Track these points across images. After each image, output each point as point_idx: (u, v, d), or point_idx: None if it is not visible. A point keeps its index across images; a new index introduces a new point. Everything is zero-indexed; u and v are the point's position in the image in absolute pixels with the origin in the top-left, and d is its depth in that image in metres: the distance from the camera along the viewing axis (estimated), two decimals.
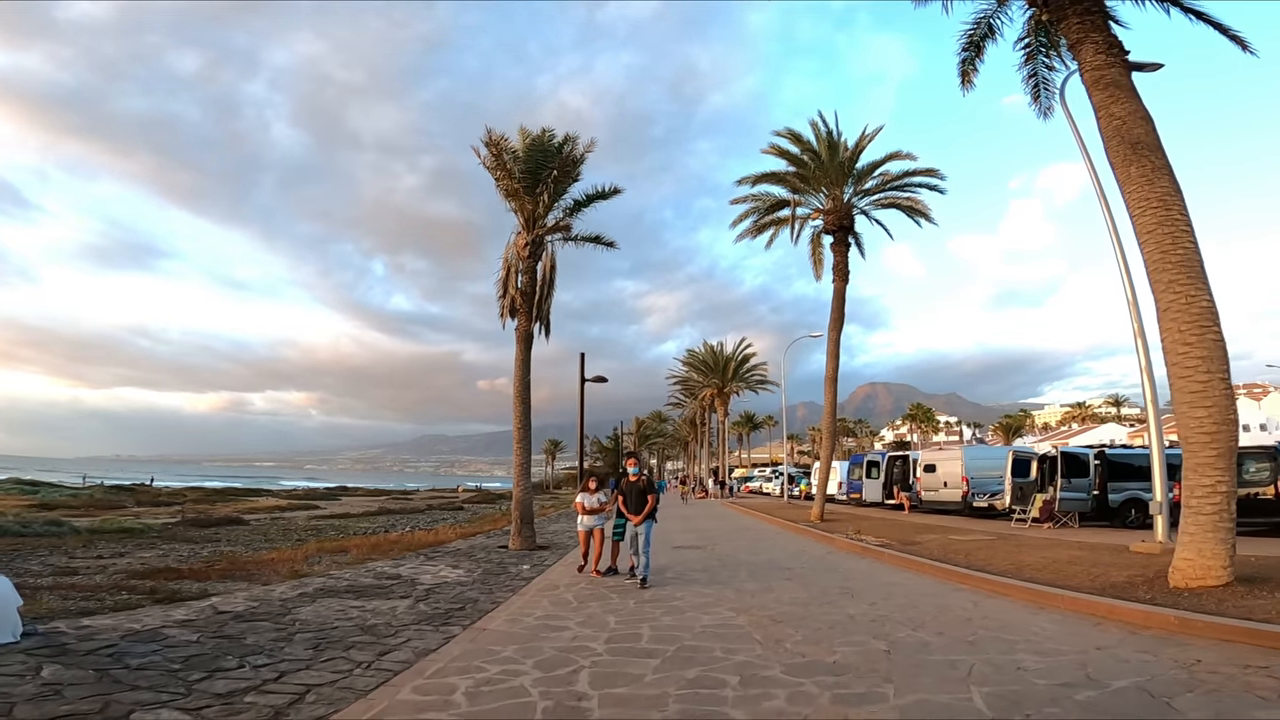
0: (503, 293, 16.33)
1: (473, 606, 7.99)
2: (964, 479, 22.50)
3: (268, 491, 78.11)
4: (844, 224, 23.59)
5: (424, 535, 20.35)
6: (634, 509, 9.57)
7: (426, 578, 10.24)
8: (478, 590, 9.15)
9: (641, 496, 9.60)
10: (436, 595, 8.72)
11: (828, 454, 22.10)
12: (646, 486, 9.72)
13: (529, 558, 12.89)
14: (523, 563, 12.23)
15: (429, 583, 9.76)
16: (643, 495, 9.59)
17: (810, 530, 17.45)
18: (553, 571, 11.02)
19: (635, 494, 9.69)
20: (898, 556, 11.49)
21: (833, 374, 22.47)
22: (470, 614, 7.54)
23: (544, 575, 10.60)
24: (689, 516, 26.18)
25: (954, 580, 9.29)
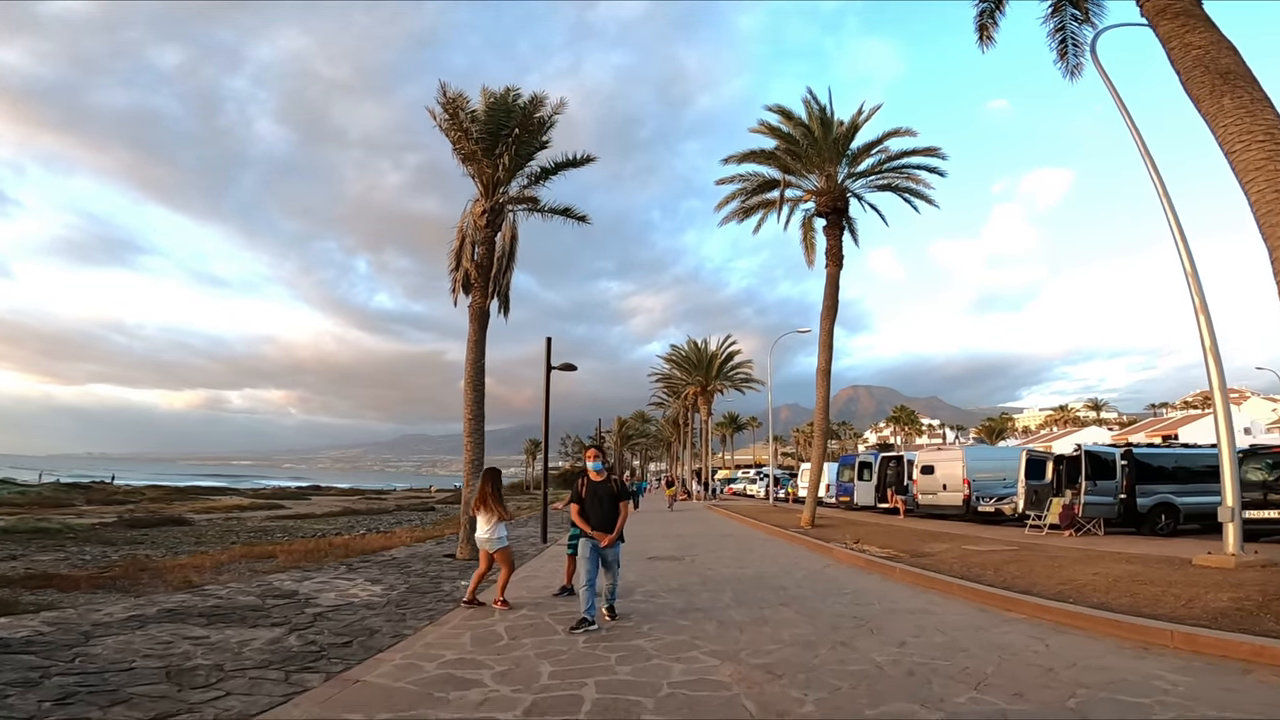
0: (455, 265, 14.35)
1: (364, 641, 5.95)
2: (965, 481, 20.71)
3: (234, 490, 75.48)
4: (838, 206, 21.77)
5: (373, 539, 18.28)
6: (600, 522, 6.82)
7: (330, 596, 8.19)
8: (385, 616, 7.11)
9: (612, 504, 6.85)
10: (325, 622, 6.67)
11: (819, 454, 20.23)
12: (619, 491, 6.97)
13: (471, 571, 10.84)
14: (464, 577, 10.20)
15: (328, 603, 7.71)
16: (613, 502, 6.86)
17: (802, 538, 15.53)
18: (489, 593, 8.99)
19: (601, 501, 6.90)
20: (913, 573, 9.56)
21: (825, 366, 20.61)
22: (354, 653, 5.51)
23: (482, 594, 8.58)
24: (669, 520, 24.21)
25: (997, 606, 7.36)
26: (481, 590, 8.32)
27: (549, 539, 15.95)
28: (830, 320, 21.09)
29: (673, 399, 65.80)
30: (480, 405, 13.22)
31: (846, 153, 21.90)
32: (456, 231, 14.54)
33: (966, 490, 20.65)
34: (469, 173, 14.45)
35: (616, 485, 6.97)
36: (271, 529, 28.29)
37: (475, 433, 13.01)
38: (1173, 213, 10.36)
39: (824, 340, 20.87)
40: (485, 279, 13.81)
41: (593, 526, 6.81)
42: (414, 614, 7.25)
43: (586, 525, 6.82)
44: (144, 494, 58.48)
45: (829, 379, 20.60)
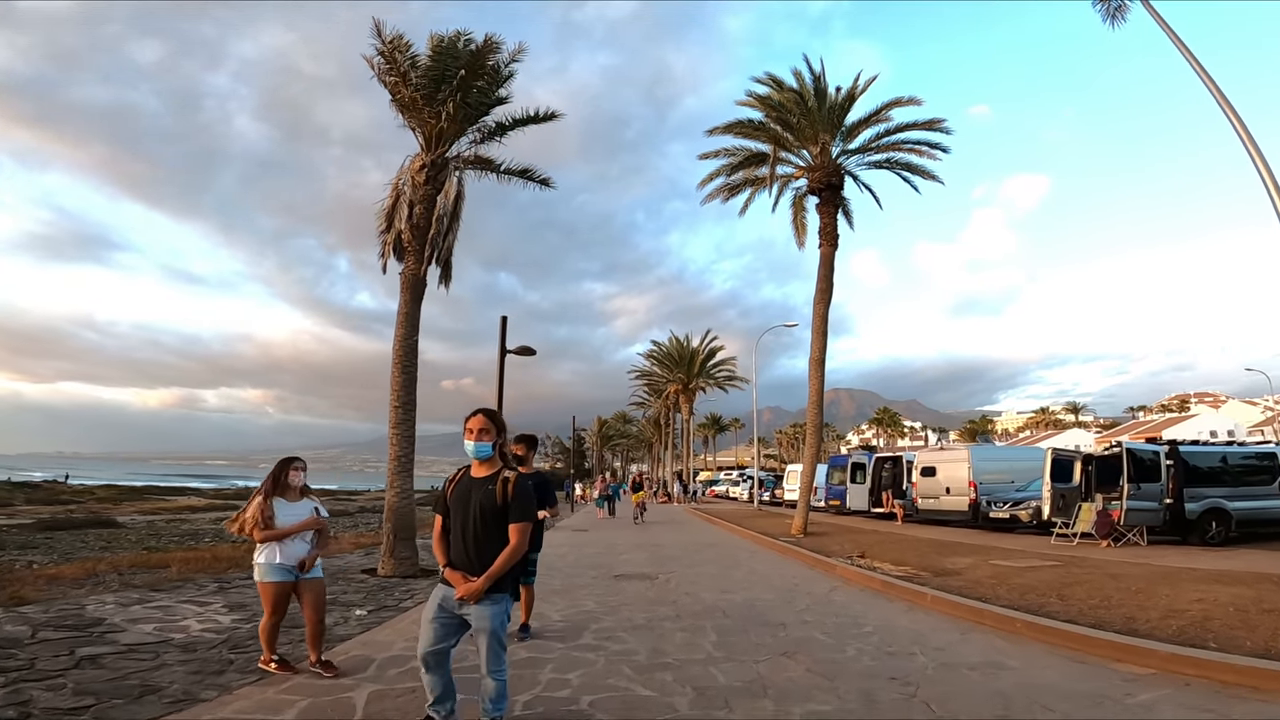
0: (385, 227, 12.10)
1: (121, 708, 3.67)
2: (971, 484, 18.66)
3: (195, 490, 72.19)
4: (832, 182, 19.71)
5: None
6: (468, 552, 3.41)
7: (146, 629, 5.94)
8: (197, 665, 4.84)
9: (496, 524, 3.35)
10: (95, 670, 4.48)
11: (812, 453, 18.11)
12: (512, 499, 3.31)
13: (383, 593, 8.54)
14: (370, 602, 7.90)
15: (131, 640, 5.50)
16: (499, 521, 3.34)
17: (796, 549, 13.37)
18: (392, 627, 6.68)
19: (473, 515, 3.39)
20: (950, 601, 7.40)
21: (819, 356, 18.50)
22: None
23: (366, 635, 6.28)
24: (644, 526, 21.96)
25: (1100, 655, 5.18)
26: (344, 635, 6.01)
27: None
28: (824, 305, 19.02)
29: (654, 398, 63.65)
30: (411, 391, 10.90)
31: (842, 126, 19.84)
32: (390, 189, 12.29)
33: (973, 494, 18.60)
34: (408, 124, 12.23)
35: (511, 491, 3.31)
36: (207, 532, 25.73)
37: (403, 423, 10.69)
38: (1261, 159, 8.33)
39: (817, 326, 18.79)
40: (421, 243, 11.54)
41: (450, 559, 3.51)
42: (244, 664, 4.95)
43: (443, 556, 3.54)
44: (94, 494, 55.46)
45: (823, 370, 18.50)
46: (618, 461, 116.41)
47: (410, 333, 11.10)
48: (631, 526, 21.27)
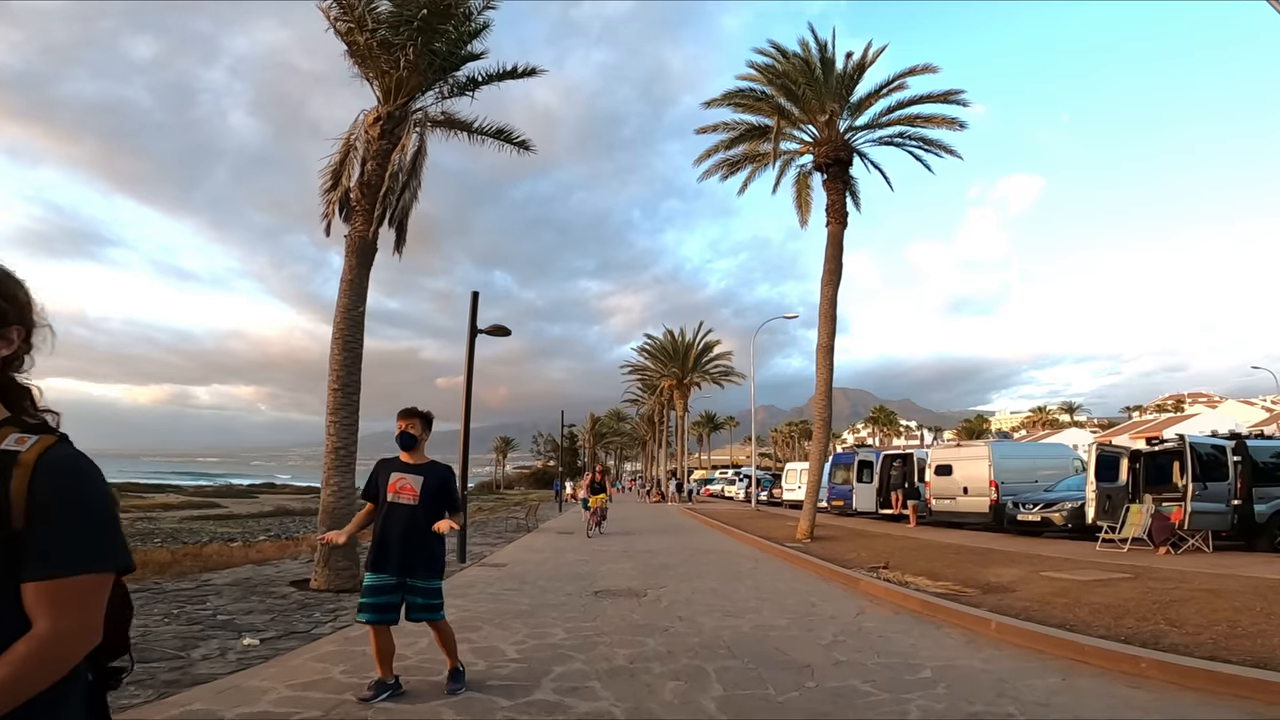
0: (331, 185, 10.41)
1: None
2: (993, 484, 17.04)
3: (175, 488, 70.59)
4: (840, 156, 18.05)
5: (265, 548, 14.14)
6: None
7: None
8: None
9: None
10: None
11: (820, 449, 16.44)
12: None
13: (300, 613, 6.81)
14: (259, 629, 6.17)
15: None
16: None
17: (806, 558, 11.70)
18: (282, 664, 4.94)
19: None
20: (1022, 630, 5.72)
21: (827, 341, 16.84)
22: None
23: (237, 675, 4.56)
24: (635, 530, 20.28)
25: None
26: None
27: (468, 556, 11.97)
28: (832, 286, 17.33)
29: (648, 395, 62.00)
30: (354, 372, 9.17)
31: (851, 97, 18.17)
32: (340, 144, 10.60)
33: (994, 494, 16.98)
34: (365, 76, 10.58)
35: None
36: (163, 532, 24.07)
37: (344, 409, 8.95)
38: None
39: (825, 310, 17.11)
40: (371, 202, 9.83)
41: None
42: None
43: None
44: None
45: (832, 357, 16.83)
46: (612, 460, 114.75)
47: (355, 302, 9.37)
48: (616, 531, 19.54)
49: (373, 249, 9.85)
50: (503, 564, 11.47)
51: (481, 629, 6.45)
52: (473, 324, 12.43)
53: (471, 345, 12.32)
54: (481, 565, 11.32)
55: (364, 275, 9.65)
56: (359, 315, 9.39)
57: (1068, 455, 19.50)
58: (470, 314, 12.52)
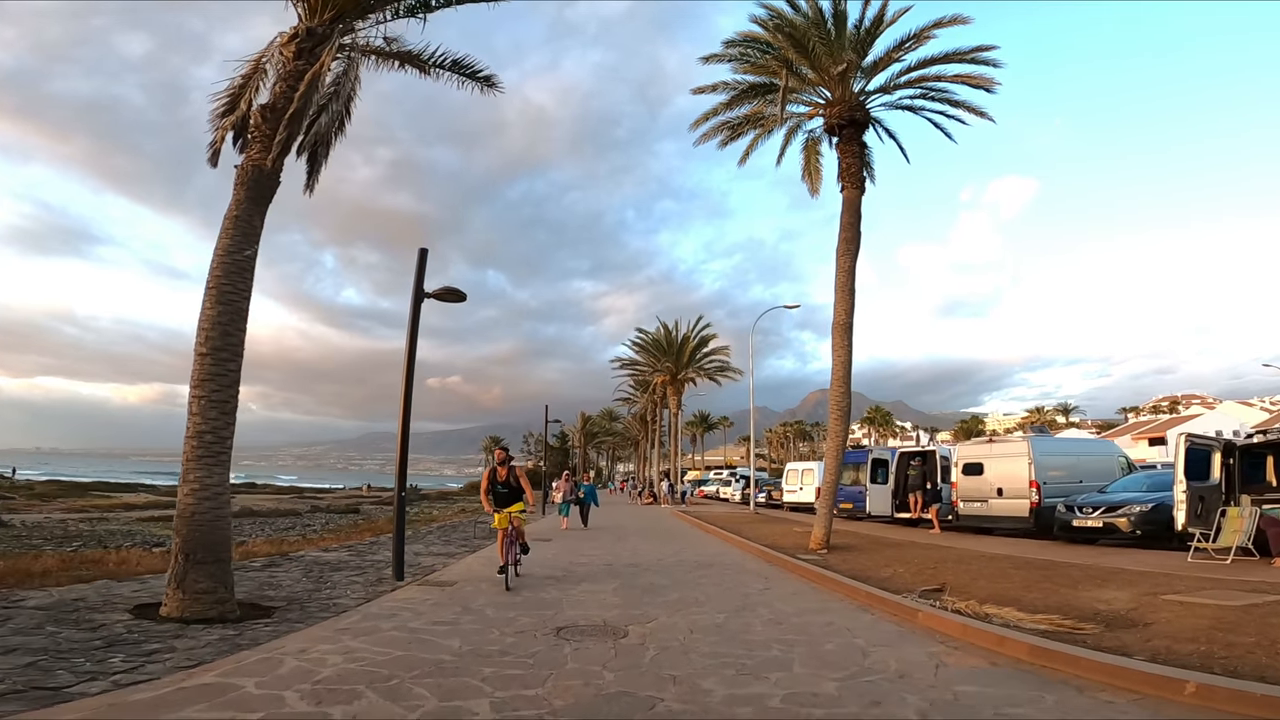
0: (228, 108, 8.12)
1: None
2: (1033, 485, 14.79)
3: (147, 487, 67.93)
4: (855, 117, 15.79)
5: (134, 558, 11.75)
6: None
7: None
8: None
9: None
10: None
11: (838, 444, 14.12)
12: None
13: (89, 657, 4.42)
14: (7, 679, 3.81)
15: None
16: None
17: (829, 575, 9.40)
18: None
19: None
20: (1244, 694, 3.45)
21: (845, 319, 14.55)
22: None
23: None
24: (625, 534, 17.95)
25: None
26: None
27: (411, 571, 9.62)
28: (850, 257, 15.04)
29: (640, 393, 59.70)
30: (231, 335, 6.78)
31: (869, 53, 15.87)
32: (248, 65, 8.30)
33: (1035, 496, 14.73)
34: None
35: None
36: (101, 535, 21.73)
37: (213, 381, 6.57)
38: None
39: (842, 284, 14.83)
40: (275, 126, 7.49)
41: None
42: None
43: None
44: (32, 488, 51.43)
45: (851, 336, 14.54)
46: (604, 460, 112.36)
47: (240, 244, 7.00)
48: (602, 537, 17.15)
49: (271, 182, 7.52)
50: (450, 582, 9.12)
51: (360, 698, 4.12)
52: (419, 286, 10.07)
53: (416, 310, 9.96)
54: (423, 584, 8.97)
55: (255, 214, 7.30)
56: (244, 262, 7.03)
57: (1113, 452, 17.27)
58: (416, 275, 10.16)
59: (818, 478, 30.66)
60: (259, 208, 7.40)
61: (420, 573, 9.99)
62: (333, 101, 9.03)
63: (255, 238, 7.32)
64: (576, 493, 19.78)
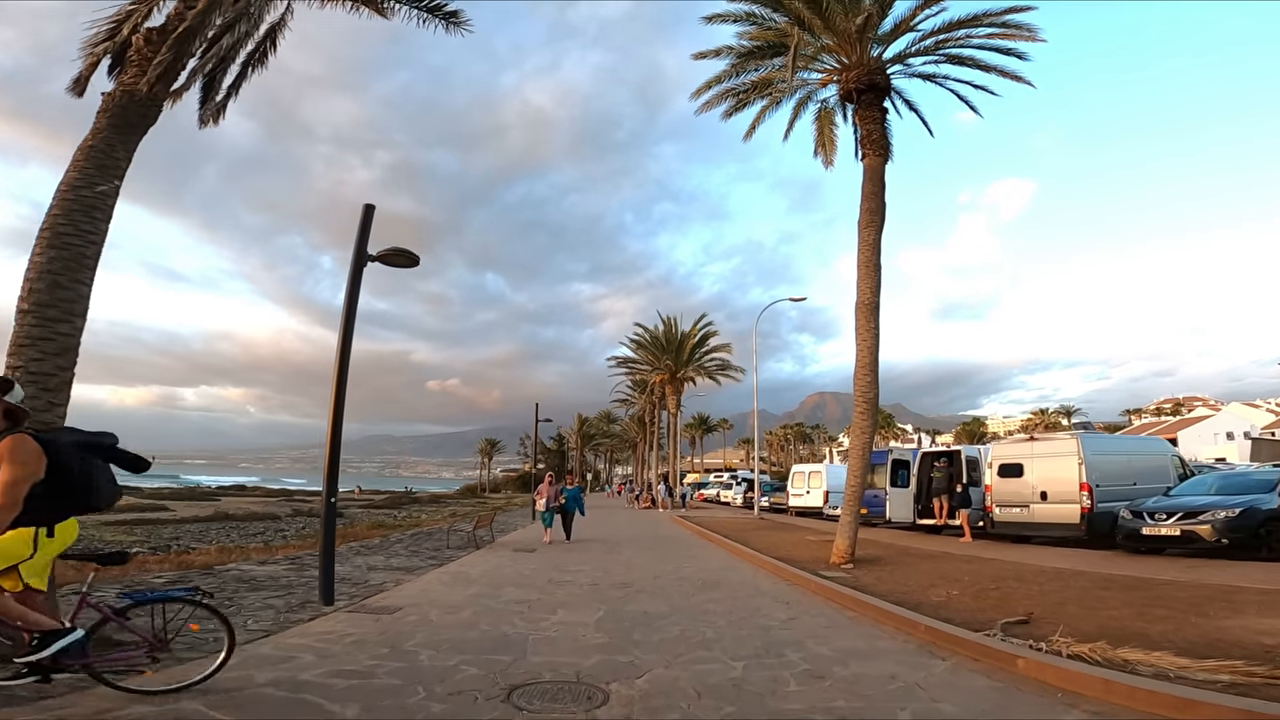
0: (110, 34, 6.30)
1: None
2: (1085, 487, 12.94)
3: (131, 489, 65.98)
4: (875, 81, 13.99)
5: None
6: None
7: None
8: None
9: None
10: None
11: (865, 440, 12.20)
12: None
13: None
14: None
15: None
16: None
17: (861, 598, 7.55)
18: None
19: None
20: None
21: (870, 299, 12.72)
22: None
23: None
24: (618, 545, 16.10)
25: None
26: None
27: (348, 592, 7.76)
28: (874, 229, 13.21)
29: (638, 393, 57.90)
30: (66, 289, 4.96)
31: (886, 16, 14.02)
32: None
33: (1087, 500, 12.89)
34: None
35: None
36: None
37: (39, 343, 4.74)
38: None
39: (866, 259, 12.99)
40: (157, 49, 5.68)
41: None
42: None
43: None
44: None
45: (877, 318, 12.70)
46: (602, 463, 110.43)
47: (89, 178, 5.22)
48: (591, 549, 15.22)
49: (145, 110, 5.74)
50: (392, 609, 7.25)
51: None
52: (361, 248, 8.22)
53: (356, 275, 8.11)
54: (356, 610, 7.10)
55: (119, 144, 5.50)
56: (95, 200, 5.21)
57: (1165, 451, 15.43)
58: (359, 235, 8.30)
59: (826, 480, 28.75)
60: (124, 138, 5.59)
61: (362, 594, 8.12)
62: (241, 21, 7.20)
63: (116, 172, 5.51)
64: (560, 498, 16.59)
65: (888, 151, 14.17)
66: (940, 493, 17.31)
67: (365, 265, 8.26)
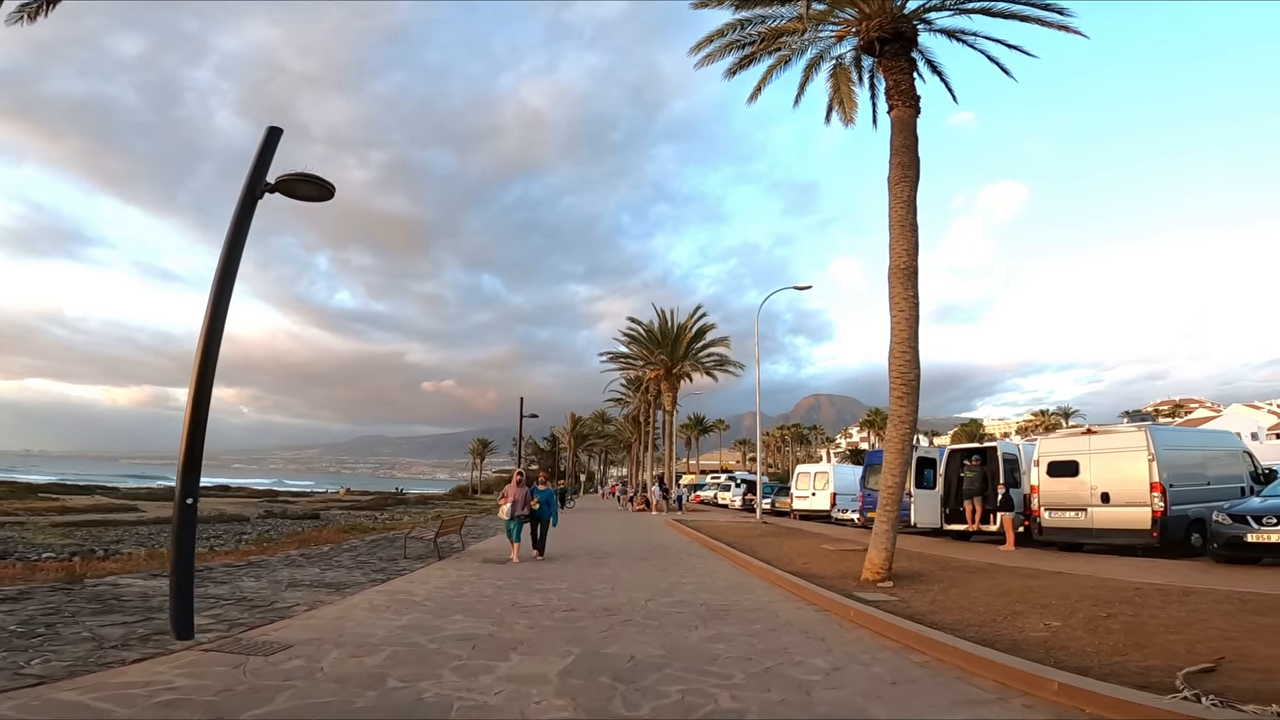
0: None
1: None
2: (1156, 487, 10.93)
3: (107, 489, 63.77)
4: (900, 30, 11.97)
5: None
6: None
7: None
8: None
9: None
10: None
11: (905, 430, 10.10)
12: None
13: None
14: None
15: None
16: None
17: (926, 634, 5.50)
18: None
19: None
20: None
21: (906, 263, 10.65)
22: None
23: None
24: (604, 555, 14.00)
25: None
26: None
27: (211, 625, 5.65)
28: (908, 185, 11.13)
29: (633, 392, 55.82)
30: None
31: None
32: None
33: (1160, 502, 10.87)
34: None
35: None
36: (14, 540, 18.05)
37: None
38: None
39: (901, 218, 10.91)
40: None
41: None
42: None
43: None
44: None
45: (916, 284, 10.63)
46: (595, 464, 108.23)
47: None
48: (571, 561, 12.94)
49: None
50: (277, 646, 5.13)
51: None
52: (257, 174, 6.13)
53: (246, 206, 6.03)
54: (219, 648, 4.98)
55: None
56: None
57: (1237, 446, 13.44)
58: (256, 160, 6.21)
59: (833, 481, 26.70)
60: None
61: (252, 621, 6.02)
62: None
63: None
64: (530, 503, 12.76)
65: (917, 103, 12.10)
66: (972, 495, 15.28)
67: (260, 196, 6.16)
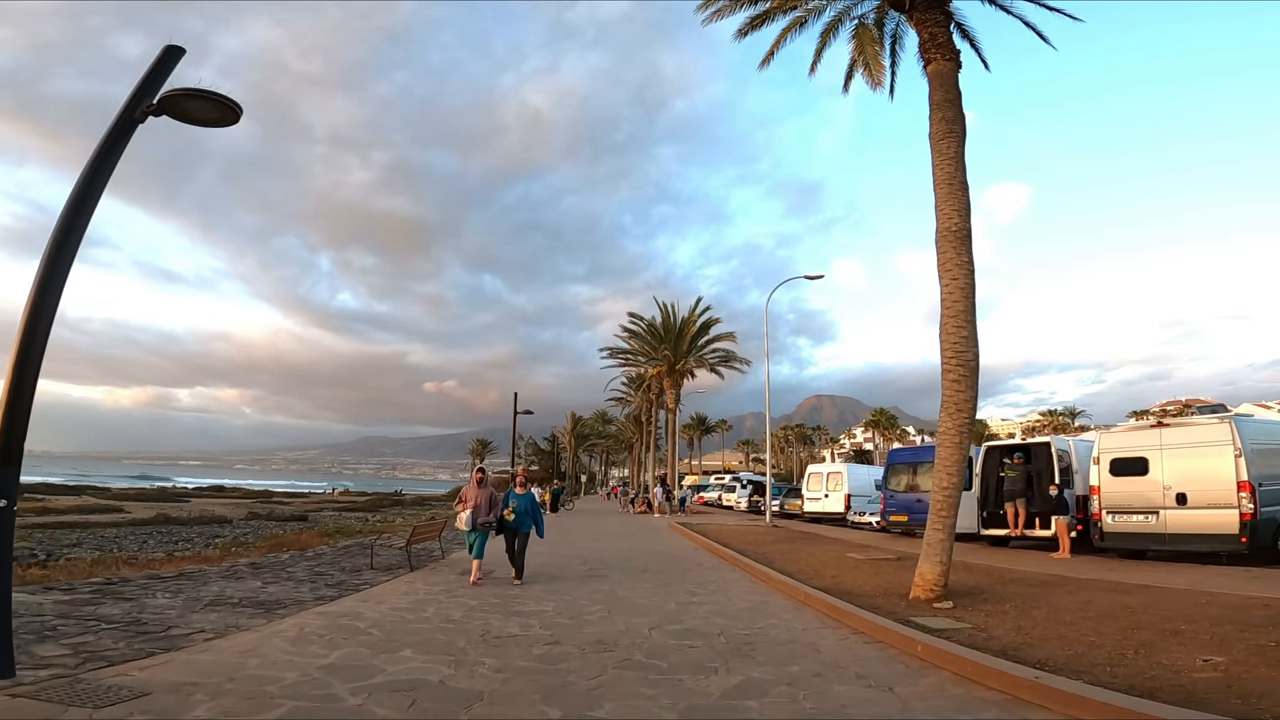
0: None
1: None
2: (1244, 487, 9.34)
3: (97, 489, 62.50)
4: None
5: None
6: None
7: None
8: None
9: None
10: None
11: (962, 420, 8.47)
12: None
13: None
14: None
15: None
16: None
17: (1047, 682, 3.93)
18: None
19: None
20: None
21: (957, 225, 9.01)
22: None
23: None
24: (600, 568, 12.38)
25: None
26: None
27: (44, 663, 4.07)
28: (954, 142, 9.48)
29: (634, 391, 54.23)
30: None
31: None
32: None
33: (1249, 504, 9.28)
34: None
35: None
36: None
37: None
38: None
39: (948, 175, 9.28)
40: None
41: None
42: None
43: None
44: None
45: (970, 250, 9.01)
46: (596, 465, 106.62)
47: None
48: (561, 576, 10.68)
49: None
50: (131, 694, 3.55)
51: None
52: (139, 95, 4.56)
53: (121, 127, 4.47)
54: (52, 696, 3.42)
55: None
56: None
57: None
58: (144, 77, 4.65)
59: (848, 482, 25.09)
60: None
61: (126, 654, 4.44)
62: None
63: None
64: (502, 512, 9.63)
65: (958, 56, 10.46)
66: (1015, 496, 13.67)
67: (142, 120, 4.58)
